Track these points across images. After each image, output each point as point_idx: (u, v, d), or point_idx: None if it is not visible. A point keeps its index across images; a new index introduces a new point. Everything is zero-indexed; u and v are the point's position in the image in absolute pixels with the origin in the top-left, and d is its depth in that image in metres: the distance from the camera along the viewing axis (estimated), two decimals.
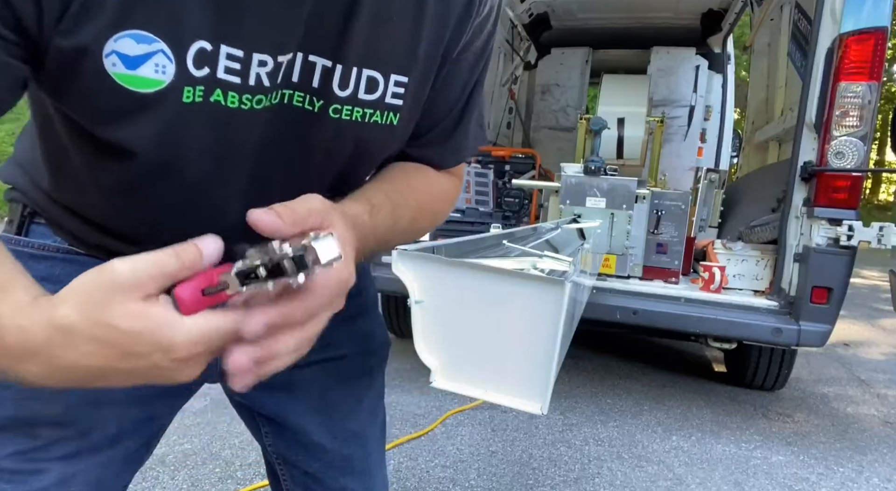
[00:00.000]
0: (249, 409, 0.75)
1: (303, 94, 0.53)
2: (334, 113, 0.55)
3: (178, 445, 2.29)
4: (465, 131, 0.69)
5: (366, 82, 0.55)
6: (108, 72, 0.44)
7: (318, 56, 0.52)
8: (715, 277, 2.56)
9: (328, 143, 0.57)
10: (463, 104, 0.67)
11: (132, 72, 0.45)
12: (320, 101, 0.54)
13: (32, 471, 0.57)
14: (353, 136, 0.57)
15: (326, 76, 0.53)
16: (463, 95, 0.67)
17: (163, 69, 0.45)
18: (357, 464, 0.77)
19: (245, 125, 0.51)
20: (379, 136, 0.59)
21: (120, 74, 0.45)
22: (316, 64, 0.52)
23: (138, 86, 0.45)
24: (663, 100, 4.77)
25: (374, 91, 0.56)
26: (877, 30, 2.16)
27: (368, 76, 0.55)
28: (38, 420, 0.57)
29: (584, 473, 2.24)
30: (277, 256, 0.37)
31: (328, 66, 0.53)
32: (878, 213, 19.77)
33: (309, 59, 0.52)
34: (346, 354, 0.75)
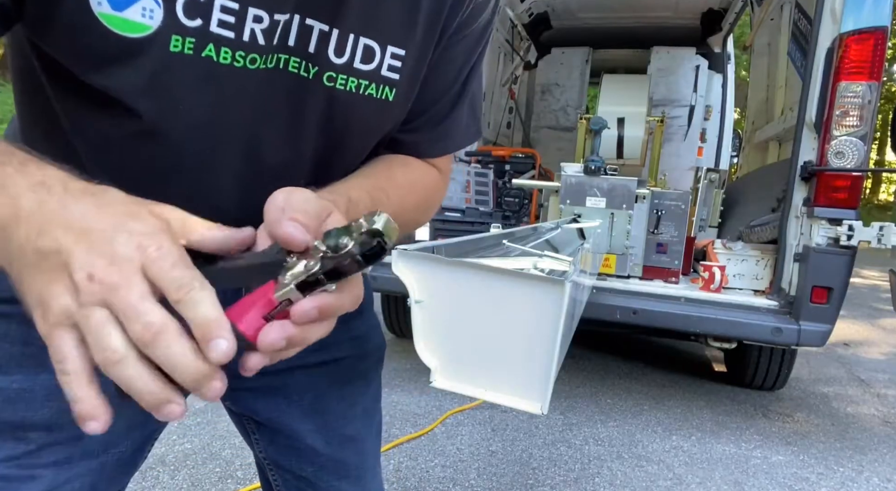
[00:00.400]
0: (239, 415, 0.74)
1: (298, 60, 0.52)
2: (328, 81, 0.54)
3: (178, 444, 2.29)
4: (457, 119, 0.68)
5: (362, 51, 0.54)
6: (94, 11, 0.43)
7: (315, 19, 0.51)
8: (715, 277, 2.56)
9: (321, 113, 0.56)
10: (458, 89, 0.66)
11: (118, 13, 0.43)
12: (315, 68, 0.53)
13: (25, 477, 0.56)
14: (347, 107, 0.56)
15: (322, 41, 0.52)
16: (458, 80, 0.66)
17: (150, 14, 0.44)
18: (352, 468, 0.75)
19: (237, 85, 0.50)
20: (373, 110, 0.58)
21: (105, 15, 0.43)
22: (313, 27, 0.51)
23: (124, 29, 0.44)
24: (663, 99, 4.77)
25: (371, 61, 0.55)
26: (877, 29, 2.16)
27: (365, 44, 0.54)
28: (28, 424, 0.56)
29: (584, 473, 2.24)
30: (340, 256, 0.37)
31: (325, 30, 0.52)
32: (878, 213, 19.77)
33: (306, 22, 0.51)
34: (341, 358, 0.73)
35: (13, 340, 0.54)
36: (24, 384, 0.55)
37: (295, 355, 0.70)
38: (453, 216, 3.22)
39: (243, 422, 0.75)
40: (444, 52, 0.62)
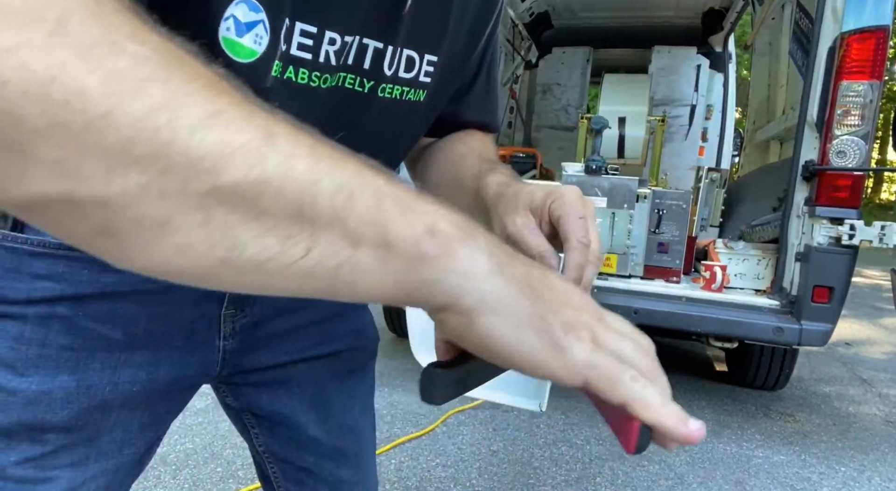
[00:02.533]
0: (238, 410, 0.75)
1: (354, 76, 0.55)
2: (381, 92, 0.57)
3: (180, 444, 2.29)
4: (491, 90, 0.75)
5: (405, 61, 0.58)
6: (219, 34, 0.43)
7: (372, 39, 0.54)
8: (716, 277, 2.56)
9: (371, 122, 0.59)
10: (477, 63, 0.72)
11: (238, 39, 0.44)
12: (370, 82, 0.56)
13: (42, 479, 0.56)
14: (391, 113, 0.60)
15: (377, 58, 0.55)
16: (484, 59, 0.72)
17: (259, 40, 0.45)
18: (351, 456, 0.78)
19: (308, 104, 0.52)
20: (407, 112, 0.61)
21: (228, 39, 0.44)
22: (368, 46, 0.54)
23: (238, 54, 0.45)
24: (664, 99, 4.77)
25: (412, 70, 0.59)
26: (878, 29, 2.15)
27: (408, 55, 0.57)
28: (47, 426, 0.56)
29: (585, 473, 2.24)
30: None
31: (380, 48, 0.55)
32: (879, 213, 19.74)
33: (363, 41, 0.53)
34: (341, 350, 0.75)
35: (29, 341, 0.53)
36: (42, 386, 0.55)
37: (297, 349, 0.71)
38: None
39: (241, 417, 0.76)
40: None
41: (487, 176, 0.62)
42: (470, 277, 0.31)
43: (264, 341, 0.69)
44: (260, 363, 0.70)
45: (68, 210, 0.25)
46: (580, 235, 0.50)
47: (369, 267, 0.30)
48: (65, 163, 0.24)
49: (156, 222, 0.26)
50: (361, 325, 0.79)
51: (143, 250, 0.27)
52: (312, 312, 0.72)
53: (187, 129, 0.25)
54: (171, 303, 0.61)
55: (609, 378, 0.34)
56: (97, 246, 0.27)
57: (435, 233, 0.31)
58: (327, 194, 0.29)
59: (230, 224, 0.27)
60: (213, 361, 0.66)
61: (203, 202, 0.26)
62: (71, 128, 0.24)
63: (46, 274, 0.53)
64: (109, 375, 0.57)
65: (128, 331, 0.58)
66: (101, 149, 0.24)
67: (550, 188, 0.54)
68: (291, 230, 0.28)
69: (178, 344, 0.62)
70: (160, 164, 0.25)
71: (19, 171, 0.24)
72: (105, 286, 0.57)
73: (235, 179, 0.26)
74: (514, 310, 0.32)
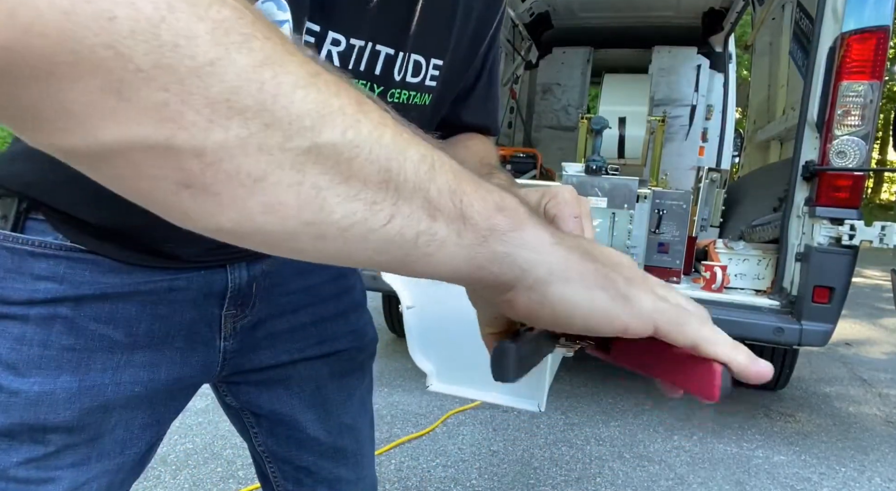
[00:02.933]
0: (237, 409, 0.75)
1: (366, 82, 0.55)
2: (390, 97, 0.58)
3: (180, 444, 2.29)
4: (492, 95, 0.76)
5: (413, 66, 0.58)
6: None
7: (384, 45, 0.54)
8: (716, 277, 2.56)
9: None
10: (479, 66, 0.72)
11: None
12: (380, 88, 0.56)
13: (44, 479, 0.56)
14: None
15: (388, 64, 0.56)
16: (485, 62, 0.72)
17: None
18: (350, 455, 0.78)
19: None
20: (413, 116, 0.62)
21: None
22: (381, 52, 0.54)
23: None
24: (664, 99, 4.76)
25: (418, 74, 0.59)
26: (879, 29, 2.15)
27: (415, 60, 0.58)
28: (49, 426, 0.56)
29: (585, 473, 2.24)
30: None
31: (391, 55, 0.55)
32: (879, 213, 19.73)
33: (376, 47, 0.54)
34: (340, 350, 0.76)
35: (31, 342, 0.53)
36: (44, 387, 0.55)
37: (297, 348, 0.72)
38: None
39: (241, 416, 0.76)
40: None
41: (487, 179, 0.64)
42: (537, 251, 0.33)
43: (265, 341, 0.69)
44: (260, 363, 0.70)
45: (157, 159, 0.25)
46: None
47: (445, 239, 0.30)
48: (166, 107, 0.23)
49: (250, 178, 0.26)
50: (360, 325, 0.79)
51: (229, 207, 0.26)
52: (312, 313, 0.72)
53: (290, 85, 0.26)
54: (172, 303, 0.61)
55: (677, 321, 0.35)
56: (177, 202, 0.26)
57: (504, 208, 0.32)
58: (412, 163, 0.29)
59: (321, 185, 0.27)
60: (213, 361, 0.66)
61: (299, 160, 0.26)
62: (177, 71, 0.23)
63: (47, 275, 0.54)
64: (111, 376, 0.57)
65: (129, 331, 0.58)
66: (205, 97, 0.24)
67: (545, 189, 0.54)
68: (377, 196, 0.28)
69: (179, 344, 0.62)
70: (263, 118, 0.25)
71: (115, 112, 0.23)
72: (106, 287, 0.57)
73: (333, 140, 0.27)
74: (580, 274, 0.34)
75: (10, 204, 0.54)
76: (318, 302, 0.73)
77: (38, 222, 0.55)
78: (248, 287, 0.65)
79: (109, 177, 0.26)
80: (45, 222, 0.55)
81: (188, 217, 0.27)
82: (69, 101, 0.23)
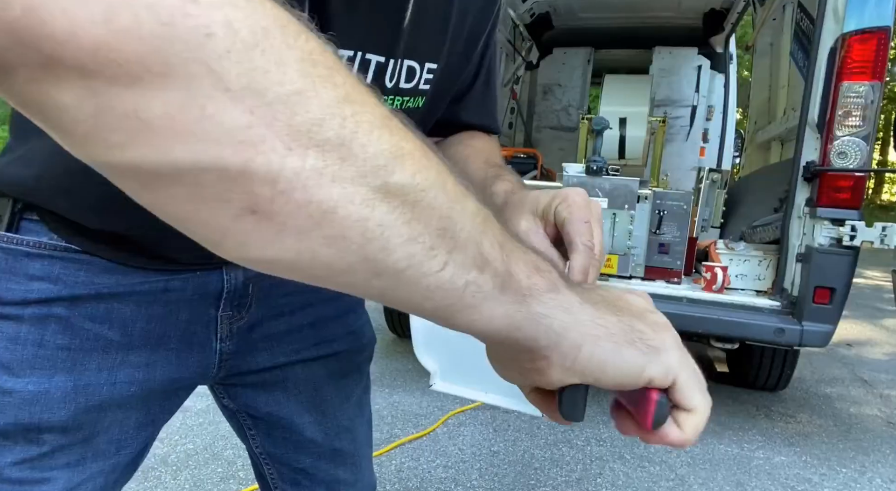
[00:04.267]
0: (234, 411, 0.75)
1: None
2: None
3: (181, 445, 2.29)
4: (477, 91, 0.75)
5: (406, 72, 0.57)
6: None
7: (374, 53, 0.54)
8: (717, 277, 2.56)
9: None
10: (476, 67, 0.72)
11: None
12: None
13: (39, 480, 0.56)
14: None
15: (380, 71, 0.55)
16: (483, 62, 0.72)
17: None
18: (347, 456, 0.78)
19: None
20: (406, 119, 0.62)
21: None
22: (371, 61, 0.54)
23: None
24: (665, 100, 4.76)
25: (412, 80, 0.58)
26: (879, 29, 2.15)
27: (408, 66, 0.57)
28: (44, 426, 0.56)
29: (586, 474, 2.24)
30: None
31: (382, 62, 0.55)
32: (880, 214, 19.72)
33: (366, 56, 0.53)
34: (338, 351, 0.76)
35: (25, 342, 0.54)
36: (39, 386, 0.55)
37: (294, 350, 0.72)
38: None
39: (238, 418, 0.76)
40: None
41: (494, 184, 0.62)
42: (571, 313, 0.33)
43: (262, 343, 0.69)
44: (257, 365, 0.70)
45: (228, 183, 0.24)
46: (584, 239, 0.50)
47: (490, 292, 0.31)
48: (249, 130, 0.23)
49: (320, 209, 0.26)
50: (358, 327, 0.79)
51: (291, 237, 0.26)
52: (310, 314, 0.72)
53: (368, 125, 0.26)
54: (167, 304, 0.61)
55: (694, 385, 0.36)
56: (241, 228, 0.26)
57: (541, 269, 0.33)
58: (469, 214, 0.30)
59: (386, 224, 0.27)
60: (210, 363, 0.66)
61: (370, 197, 0.26)
62: (265, 96, 0.23)
63: (42, 275, 0.54)
64: (106, 376, 0.57)
65: (124, 331, 0.58)
66: (288, 125, 0.24)
67: (556, 191, 0.53)
68: (435, 241, 0.29)
69: (174, 345, 0.62)
70: (341, 152, 0.25)
71: (194, 130, 0.23)
72: (101, 287, 0.57)
73: (403, 181, 0.27)
74: (608, 332, 0.34)
75: (4, 204, 0.54)
76: (316, 303, 0.73)
77: (32, 223, 0.55)
78: (244, 288, 0.65)
79: (162, 198, 0.26)
80: (40, 223, 0.55)
81: (244, 245, 0.27)
82: (149, 112, 0.22)
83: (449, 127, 0.74)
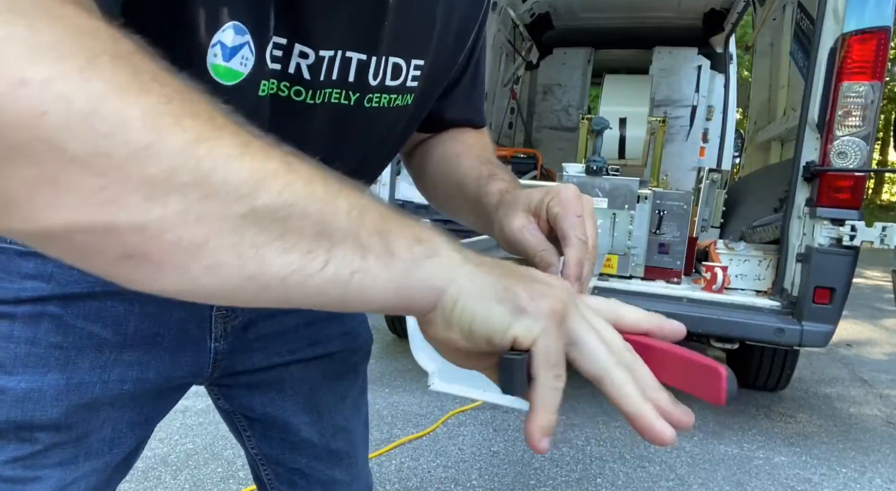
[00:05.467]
0: (230, 412, 0.75)
1: (340, 90, 0.54)
2: (367, 103, 0.57)
3: (181, 444, 2.29)
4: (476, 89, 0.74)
5: (392, 69, 0.57)
6: (207, 62, 0.44)
7: (355, 51, 0.53)
8: (717, 277, 2.56)
9: (358, 133, 0.59)
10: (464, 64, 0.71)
11: (226, 63, 0.45)
12: (356, 95, 0.56)
13: (31, 478, 0.56)
14: (378, 121, 0.59)
15: (362, 70, 0.55)
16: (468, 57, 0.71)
17: (246, 62, 0.46)
18: (343, 456, 0.78)
19: (282, 115, 0.52)
20: (395, 117, 0.61)
21: (216, 65, 0.45)
22: (352, 59, 0.53)
23: (225, 78, 0.46)
24: (665, 100, 4.76)
25: (398, 77, 0.58)
26: (879, 29, 2.15)
27: (394, 63, 0.57)
28: (36, 424, 0.56)
29: (585, 474, 2.24)
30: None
31: (363, 60, 0.54)
32: (880, 214, 19.72)
33: (346, 54, 0.53)
34: (333, 352, 0.75)
35: (18, 340, 0.54)
36: (32, 384, 0.55)
37: (289, 350, 0.72)
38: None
39: (234, 419, 0.76)
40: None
41: (489, 184, 0.63)
42: (450, 269, 0.36)
43: (256, 343, 0.69)
44: (252, 365, 0.70)
45: (98, 238, 0.26)
46: (578, 233, 0.50)
47: (377, 274, 0.33)
48: (104, 191, 0.25)
49: (192, 245, 0.28)
50: (354, 326, 0.79)
51: (173, 273, 0.28)
52: (305, 314, 0.72)
53: (226, 157, 0.28)
54: (160, 303, 0.61)
55: (549, 361, 0.36)
56: (123, 271, 0.28)
57: (421, 240, 0.36)
58: (343, 212, 0.32)
59: (259, 243, 0.29)
60: (204, 362, 0.66)
61: (237, 224, 0.28)
62: (113, 158, 0.25)
63: (35, 273, 0.54)
64: (99, 374, 0.57)
65: (117, 330, 0.58)
66: (143, 178, 0.26)
67: (548, 188, 0.54)
68: (312, 245, 0.31)
69: (168, 344, 0.62)
70: (202, 190, 0.27)
71: (54, 199, 0.25)
72: (94, 285, 0.57)
73: (270, 202, 0.29)
74: (481, 287, 0.36)
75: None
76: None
77: None
78: None
79: (57, 253, 0.28)
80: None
81: (132, 282, 0.29)
82: (10, 189, 0.24)
83: (435, 123, 0.74)
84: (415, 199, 3.20)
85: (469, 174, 0.67)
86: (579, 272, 0.49)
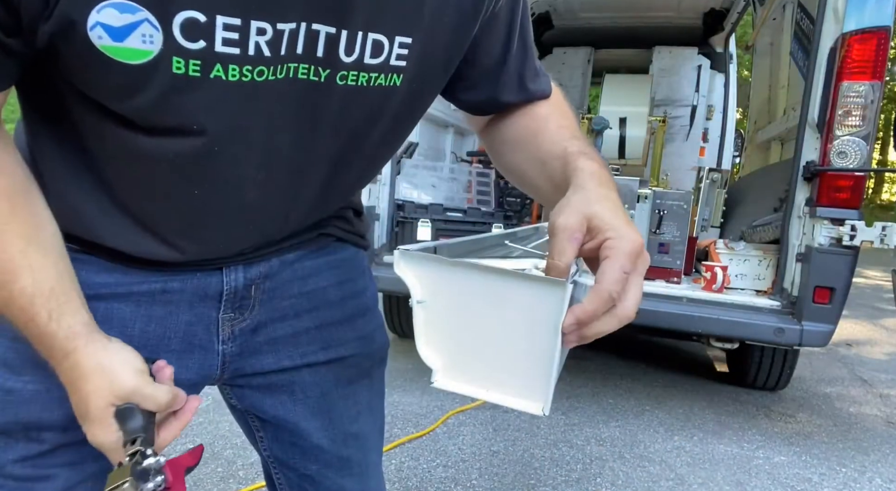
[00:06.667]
0: (244, 412, 0.75)
1: (307, 66, 0.52)
2: (341, 80, 0.54)
3: (181, 444, 2.29)
4: (518, 62, 0.69)
5: (371, 46, 0.54)
6: (96, 46, 0.44)
7: (322, 24, 0.50)
8: (717, 277, 2.56)
9: (334, 112, 0.56)
10: (505, 39, 0.66)
11: (119, 44, 0.44)
12: (326, 71, 0.53)
13: (40, 477, 0.57)
14: (358, 100, 0.56)
15: (331, 44, 0.52)
16: (508, 34, 0.66)
17: (150, 39, 0.45)
18: (354, 465, 0.76)
19: (248, 100, 0.50)
20: (379, 97, 0.58)
21: (107, 47, 0.44)
22: (319, 32, 0.51)
23: (127, 58, 0.45)
24: (665, 99, 4.76)
25: (380, 55, 0.55)
26: (879, 29, 2.15)
27: (374, 40, 0.53)
28: (44, 425, 0.56)
29: (585, 473, 2.24)
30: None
31: (332, 33, 0.51)
32: (880, 213, 19.74)
33: (312, 27, 0.50)
34: (346, 356, 0.74)
35: (27, 341, 0.54)
36: (39, 385, 0.56)
37: (300, 354, 0.71)
38: (455, 216, 3.22)
39: (247, 419, 0.75)
40: (490, 18, 0.62)
41: (577, 160, 0.57)
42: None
43: (266, 346, 0.69)
44: (262, 367, 0.69)
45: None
46: (614, 288, 0.46)
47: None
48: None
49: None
50: (369, 331, 0.77)
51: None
52: (315, 317, 0.71)
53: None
54: (167, 305, 0.61)
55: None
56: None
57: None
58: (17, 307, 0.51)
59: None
60: (212, 364, 0.65)
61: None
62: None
63: None
64: None
65: (123, 332, 0.58)
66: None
67: (616, 226, 0.49)
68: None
69: (175, 346, 0.62)
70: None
71: None
72: (100, 288, 0.57)
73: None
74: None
75: None
76: (323, 306, 0.71)
77: None
78: (245, 290, 0.65)
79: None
80: None
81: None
82: None
83: (495, 107, 0.71)
84: (415, 199, 3.20)
85: (551, 150, 0.62)
86: (583, 320, 0.46)
